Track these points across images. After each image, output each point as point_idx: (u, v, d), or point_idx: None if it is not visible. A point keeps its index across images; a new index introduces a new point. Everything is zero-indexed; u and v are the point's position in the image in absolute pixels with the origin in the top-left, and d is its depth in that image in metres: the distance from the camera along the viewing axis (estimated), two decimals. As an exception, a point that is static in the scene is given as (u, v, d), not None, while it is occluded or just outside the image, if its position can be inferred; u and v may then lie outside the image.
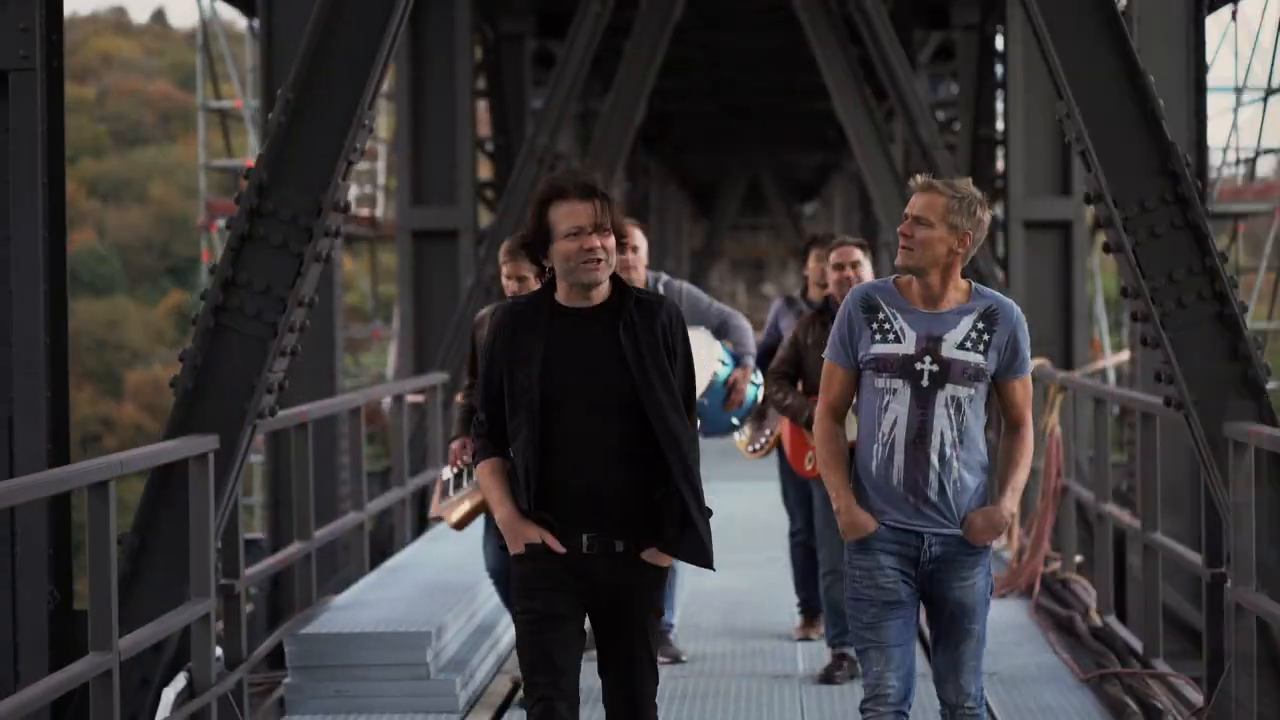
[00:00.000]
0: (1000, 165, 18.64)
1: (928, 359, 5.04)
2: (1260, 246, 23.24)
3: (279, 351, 6.84)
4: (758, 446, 8.49)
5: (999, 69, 18.75)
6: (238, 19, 22.79)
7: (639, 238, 7.75)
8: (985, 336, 5.07)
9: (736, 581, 10.61)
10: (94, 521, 5.82)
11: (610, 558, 4.84)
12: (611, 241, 4.87)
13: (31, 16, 6.64)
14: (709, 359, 7.95)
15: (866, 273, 7.67)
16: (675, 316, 4.93)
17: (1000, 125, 18.67)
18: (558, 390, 4.81)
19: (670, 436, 4.80)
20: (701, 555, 4.86)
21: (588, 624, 4.98)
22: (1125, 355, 22.53)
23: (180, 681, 6.68)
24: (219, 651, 6.94)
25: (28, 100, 6.65)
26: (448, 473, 7.72)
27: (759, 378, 8.22)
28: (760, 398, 8.20)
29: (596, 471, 4.81)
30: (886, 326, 5.09)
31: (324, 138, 6.82)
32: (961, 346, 5.05)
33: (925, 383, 5.03)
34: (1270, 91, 21.54)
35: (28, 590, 6.67)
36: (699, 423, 7.79)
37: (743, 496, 14.12)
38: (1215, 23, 20.74)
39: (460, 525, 7.64)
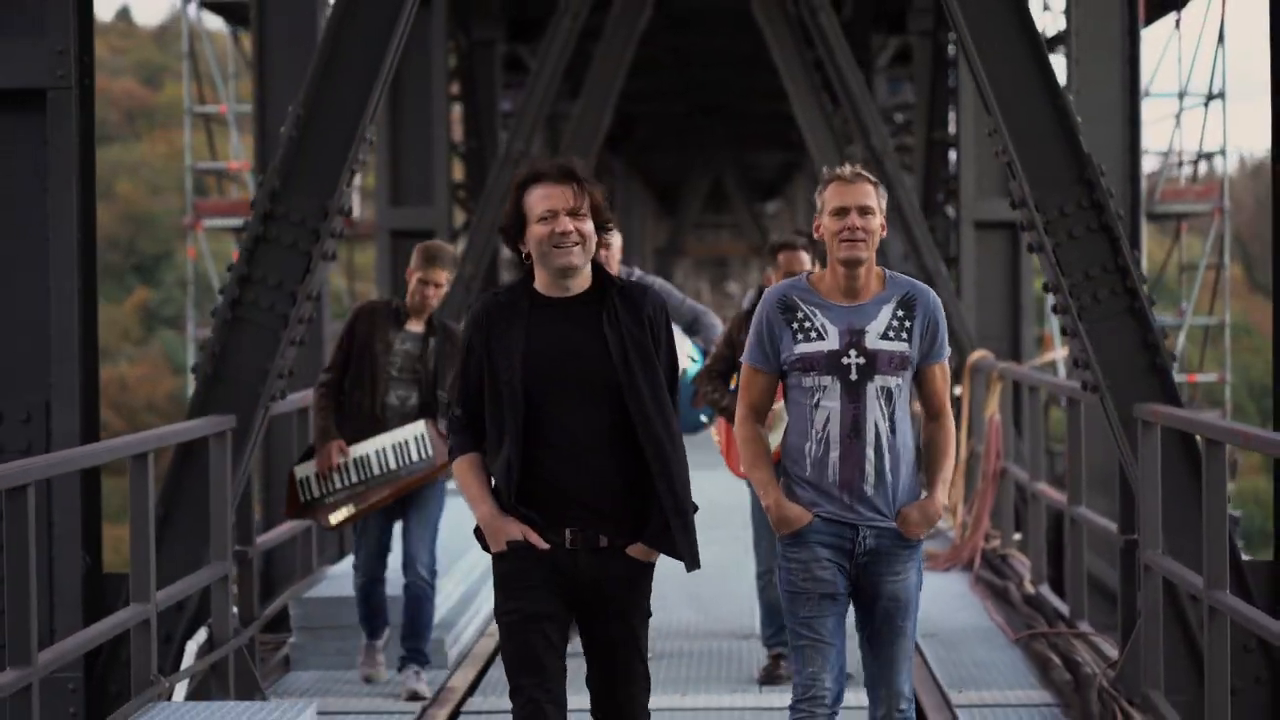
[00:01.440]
0: (953, 167, 19.25)
1: (853, 352, 4.94)
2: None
3: (289, 341, 7.44)
4: None
5: (952, 74, 19.36)
6: (211, 16, 23.20)
7: (613, 235, 7.96)
8: (906, 324, 4.97)
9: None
10: (135, 488, 6.51)
11: (594, 553, 4.64)
12: (588, 226, 4.64)
13: (67, 40, 7.14)
14: (679, 355, 8.48)
15: None
16: (659, 307, 4.76)
17: (953, 129, 19.26)
18: (541, 382, 4.61)
19: (651, 434, 4.64)
20: (684, 552, 4.69)
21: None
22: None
23: (201, 635, 7.37)
24: (235, 610, 7.58)
25: (64, 116, 7.14)
26: (304, 471, 7.81)
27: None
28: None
29: (581, 465, 4.62)
30: (807, 325, 4.97)
31: (330, 149, 7.43)
32: (884, 336, 4.95)
33: (854, 376, 4.93)
34: (1210, 97, 22.41)
35: (62, 555, 7.15)
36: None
37: (703, 481, 14.78)
38: (1162, 29, 21.51)
39: (337, 527, 7.89)
